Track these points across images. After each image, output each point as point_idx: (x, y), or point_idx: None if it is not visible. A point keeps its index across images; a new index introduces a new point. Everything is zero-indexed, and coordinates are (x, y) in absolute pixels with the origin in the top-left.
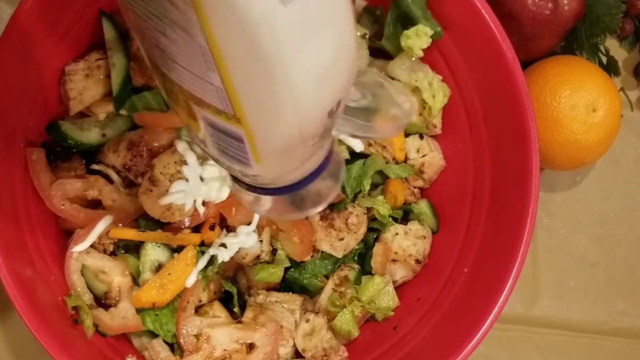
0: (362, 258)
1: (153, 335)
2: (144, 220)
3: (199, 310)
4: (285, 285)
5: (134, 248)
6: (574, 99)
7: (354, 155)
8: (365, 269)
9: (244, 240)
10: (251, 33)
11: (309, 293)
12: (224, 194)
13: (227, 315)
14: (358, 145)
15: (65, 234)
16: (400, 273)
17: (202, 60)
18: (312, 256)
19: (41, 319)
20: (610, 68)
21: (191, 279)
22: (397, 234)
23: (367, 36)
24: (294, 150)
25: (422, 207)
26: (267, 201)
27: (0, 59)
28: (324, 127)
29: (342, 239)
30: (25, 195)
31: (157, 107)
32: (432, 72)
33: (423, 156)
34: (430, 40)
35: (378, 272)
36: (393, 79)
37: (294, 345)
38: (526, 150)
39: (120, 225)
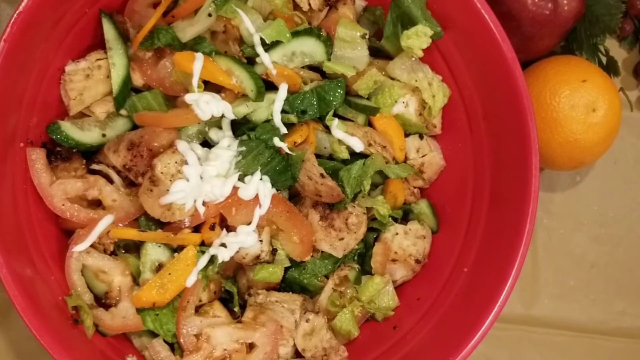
0: (362, 258)
1: (153, 335)
2: (145, 220)
3: (199, 310)
4: (285, 285)
5: (134, 248)
6: (574, 99)
7: (354, 155)
8: (365, 269)
9: (244, 240)
10: None
11: (309, 293)
12: (227, 190)
13: (227, 315)
14: (358, 145)
15: (65, 234)
16: (400, 273)
17: None
18: (312, 256)
19: (41, 319)
20: (610, 68)
21: (191, 279)
22: (397, 233)
23: (367, 36)
24: None
25: (422, 207)
26: None
27: (1, 59)
28: None
29: (342, 239)
30: (25, 195)
31: (157, 107)
32: (432, 72)
33: (423, 156)
34: (430, 40)
35: (378, 272)
36: (393, 79)
37: (294, 345)
38: (526, 150)
39: (120, 225)
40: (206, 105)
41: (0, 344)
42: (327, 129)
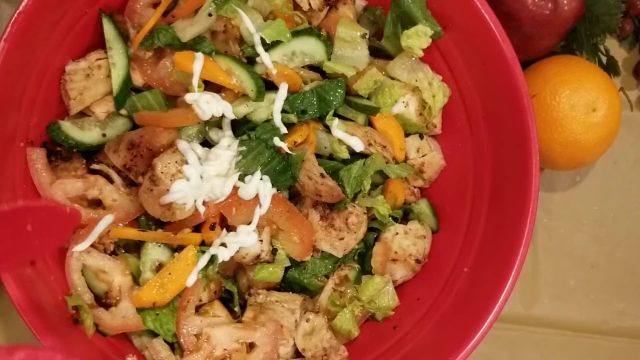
0: (362, 258)
1: (153, 334)
2: (145, 220)
3: (199, 309)
4: (286, 285)
5: (134, 247)
6: (574, 99)
7: (354, 155)
8: (365, 269)
9: (244, 240)
10: None
11: (309, 293)
12: (227, 190)
13: (228, 315)
14: (358, 145)
15: None
16: (400, 273)
17: None
18: (312, 256)
19: (41, 319)
20: (610, 68)
21: (191, 279)
22: (397, 233)
23: (367, 36)
24: None
25: (422, 206)
26: None
27: (1, 59)
28: None
29: (342, 239)
30: (25, 195)
31: (158, 107)
32: (432, 72)
33: (423, 156)
34: (430, 40)
35: (378, 272)
36: (393, 79)
37: (294, 344)
38: (526, 150)
39: (120, 224)
40: (206, 105)
41: (0, 344)
42: (327, 129)
